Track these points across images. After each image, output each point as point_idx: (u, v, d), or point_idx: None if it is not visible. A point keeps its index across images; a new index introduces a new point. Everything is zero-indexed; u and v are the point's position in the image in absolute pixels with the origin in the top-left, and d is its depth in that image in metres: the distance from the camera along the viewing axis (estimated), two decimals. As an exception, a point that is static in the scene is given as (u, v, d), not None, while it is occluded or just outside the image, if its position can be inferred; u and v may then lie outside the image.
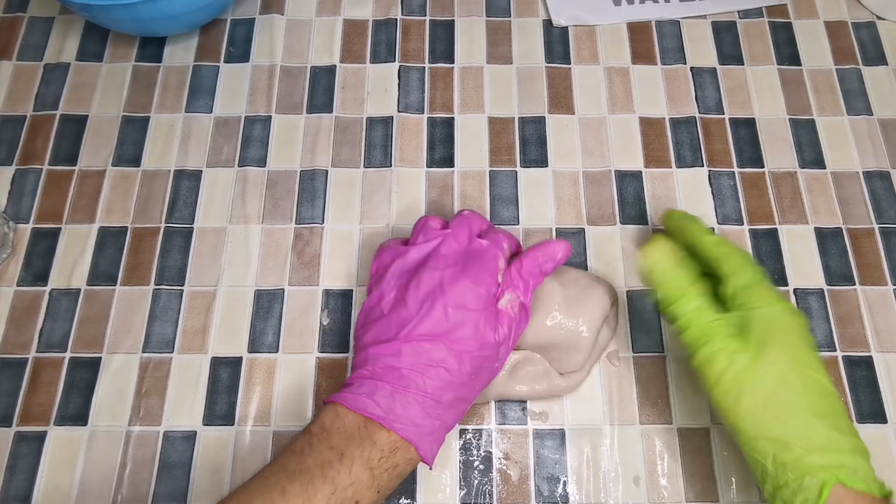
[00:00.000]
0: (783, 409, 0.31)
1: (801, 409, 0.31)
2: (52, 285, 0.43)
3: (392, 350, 0.33)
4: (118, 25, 0.48)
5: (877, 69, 0.51)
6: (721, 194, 0.47)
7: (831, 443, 0.30)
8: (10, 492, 0.38)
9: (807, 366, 0.32)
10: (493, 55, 0.51)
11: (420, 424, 0.32)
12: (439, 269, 0.35)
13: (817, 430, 0.30)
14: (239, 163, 0.47)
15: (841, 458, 0.30)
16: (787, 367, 0.31)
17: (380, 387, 0.33)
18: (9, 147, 0.48)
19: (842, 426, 0.31)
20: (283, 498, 0.30)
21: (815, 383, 0.32)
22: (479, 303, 0.34)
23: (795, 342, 0.32)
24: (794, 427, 0.31)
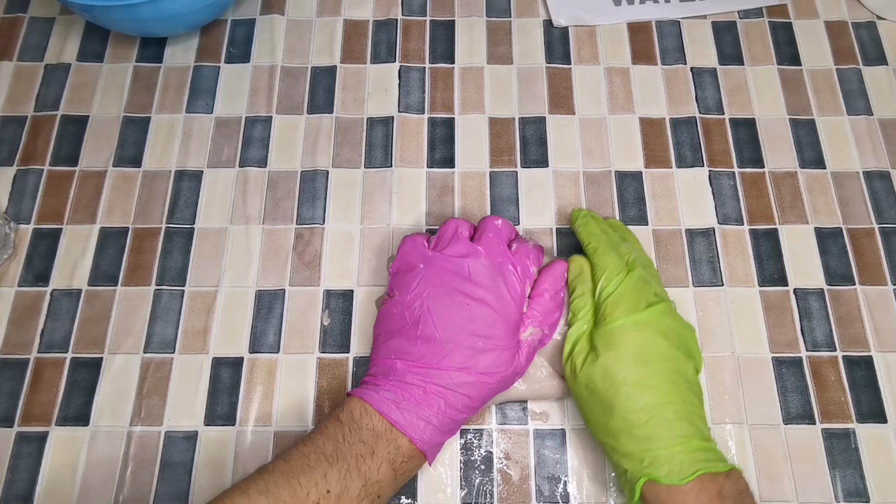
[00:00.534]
0: (596, 418, 0.36)
1: (609, 416, 0.35)
2: (54, 286, 0.43)
3: (420, 372, 0.35)
4: (119, 26, 0.48)
5: (877, 69, 0.51)
6: (721, 194, 0.47)
7: (629, 445, 0.34)
8: (12, 492, 0.38)
9: (622, 375, 0.35)
10: (493, 55, 0.51)
11: (433, 439, 0.35)
12: (471, 297, 0.36)
13: (619, 439, 0.34)
14: (240, 163, 0.47)
15: (642, 457, 0.33)
16: (599, 376, 0.35)
17: (405, 398, 0.35)
18: (9, 148, 0.48)
19: (640, 432, 0.34)
20: (324, 481, 0.32)
21: (622, 393, 0.34)
22: (505, 338, 0.36)
23: (621, 356, 0.35)
24: (609, 434, 0.35)
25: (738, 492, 0.33)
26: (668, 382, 0.34)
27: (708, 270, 0.44)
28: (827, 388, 0.41)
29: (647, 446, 0.33)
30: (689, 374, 0.36)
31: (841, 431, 0.40)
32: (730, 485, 0.33)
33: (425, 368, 0.35)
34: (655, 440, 0.33)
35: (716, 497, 0.32)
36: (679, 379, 0.35)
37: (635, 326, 0.35)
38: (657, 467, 0.33)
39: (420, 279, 0.37)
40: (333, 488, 0.32)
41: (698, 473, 0.32)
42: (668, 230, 0.46)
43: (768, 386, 0.41)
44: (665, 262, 0.45)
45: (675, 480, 0.32)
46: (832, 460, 0.40)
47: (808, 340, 0.43)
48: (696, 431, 0.34)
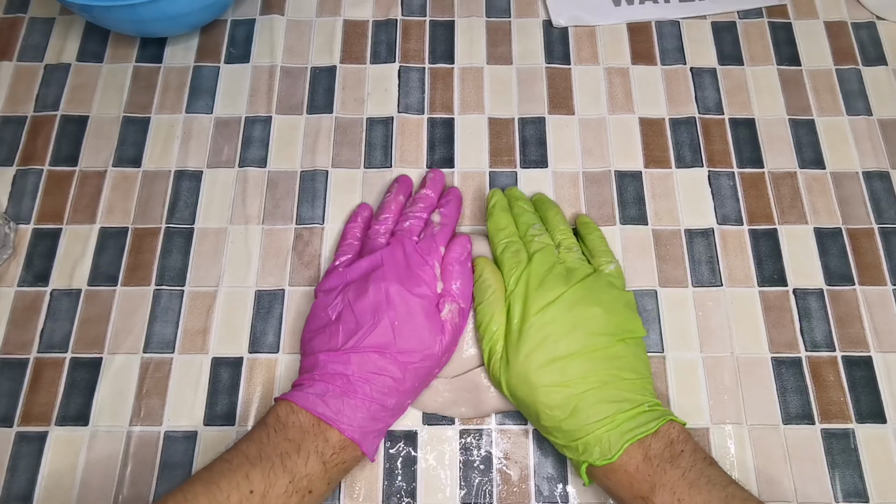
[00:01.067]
0: (531, 419, 0.38)
1: (537, 417, 0.36)
2: (53, 286, 0.43)
3: (341, 359, 0.36)
4: (118, 26, 0.48)
5: (877, 69, 0.51)
6: (721, 194, 0.47)
7: (563, 439, 0.35)
8: (12, 492, 0.38)
9: (534, 379, 0.36)
10: (493, 56, 0.51)
11: (365, 427, 0.35)
12: (385, 280, 0.37)
13: (554, 434, 0.36)
14: (239, 163, 0.47)
15: (576, 446, 0.35)
16: (515, 383, 0.36)
17: (330, 390, 0.35)
18: (9, 148, 0.48)
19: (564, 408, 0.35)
20: (246, 481, 0.32)
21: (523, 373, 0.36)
22: (422, 316, 0.37)
23: (529, 359, 0.36)
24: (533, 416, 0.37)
25: (668, 443, 0.34)
26: (582, 372, 0.35)
27: (707, 271, 0.44)
28: (826, 388, 0.41)
29: (576, 436, 0.35)
30: (614, 351, 0.36)
31: (840, 431, 0.40)
32: (656, 442, 0.34)
33: (346, 355, 0.36)
34: (581, 429, 0.34)
35: (642, 462, 0.33)
36: (596, 362, 0.36)
37: (537, 325, 0.36)
38: (590, 452, 0.34)
39: (341, 279, 0.39)
40: (257, 488, 0.32)
41: (625, 447, 0.33)
42: (668, 230, 0.46)
43: (768, 386, 0.41)
44: (665, 262, 0.45)
45: (606, 460, 0.33)
46: (832, 460, 0.40)
47: (808, 341, 0.43)
48: (619, 406, 0.35)
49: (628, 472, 0.33)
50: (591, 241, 0.42)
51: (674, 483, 0.32)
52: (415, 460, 0.40)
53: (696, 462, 0.33)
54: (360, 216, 0.44)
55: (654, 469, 0.33)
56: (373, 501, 0.39)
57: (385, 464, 0.39)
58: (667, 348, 0.42)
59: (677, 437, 0.34)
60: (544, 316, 0.36)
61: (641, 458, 0.33)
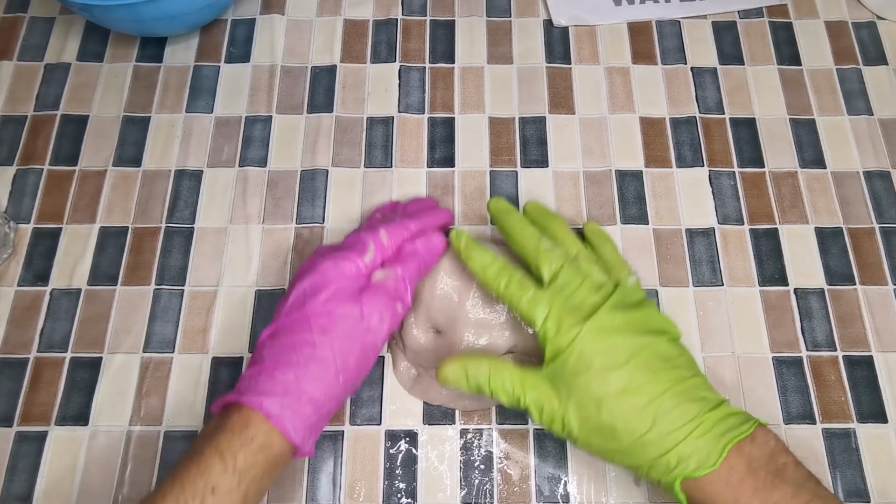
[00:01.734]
0: (607, 448, 0.33)
1: (616, 440, 0.32)
2: (53, 285, 0.43)
3: (262, 337, 0.35)
4: (119, 26, 0.48)
5: (877, 69, 0.51)
6: (721, 194, 0.47)
7: (649, 454, 0.32)
8: (11, 491, 0.38)
9: (598, 397, 0.32)
10: (493, 55, 0.51)
11: (271, 393, 0.32)
12: (317, 254, 0.38)
13: (638, 454, 0.32)
14: (239, 163, 0.47)
15: (668, 461, 0.31)
16: (583, 415, 0.33)
17: (243, 375, 0.34)
18: (9, 147, 0.48)
19: (662, 427, 0.31)
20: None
21: (616, 407, 0.32)
22: (336, 275, 0.35)
23: (587, 384, 0.32)
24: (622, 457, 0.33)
25: (769, 454, 0.31)
26: (648, 374, 0.32)
27: (708, 270, 0.44)
28: (827, 388, 0.41)
29: (665, 447, 0.31)
30: (666, 351, 0.33)
31: (841, 431, 0.40)
32: (756, 450, 0.31)
33: (267, 331, 0.35)
34: (670, 437, 0.31)
35: (747, 473, 0.30)
36: (657, 363, 0.33)
37: (583, 344, 0.33)
38: (686, 463, 0.31)
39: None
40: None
41: (727, 450, 0.30)
42: (669, 230, 0.46)
43: (769, 386, 0.41)
44: (665, 261, 0.45)
45: (708, 468, 0.30)
46: (832, 460, 0.40)
47: (809, 340, 0.43)
48: (703, 405, 0.31)
49: (731, 484, 0.30)
50: (605, 252, 0.39)
51: (785, 501, 0.29)
52: (415, 460, 0.40)
53: (805, 479, 0.30)
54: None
55: (762, 482, 0.30)
56: (373, 501, 0.39)
57: (385, 463, 0.39)
58: (667, 348, 0.42)
59: (775, 446, 0.31)
60: (587, 332, 0.33)
61: (745, 468, 0.30)
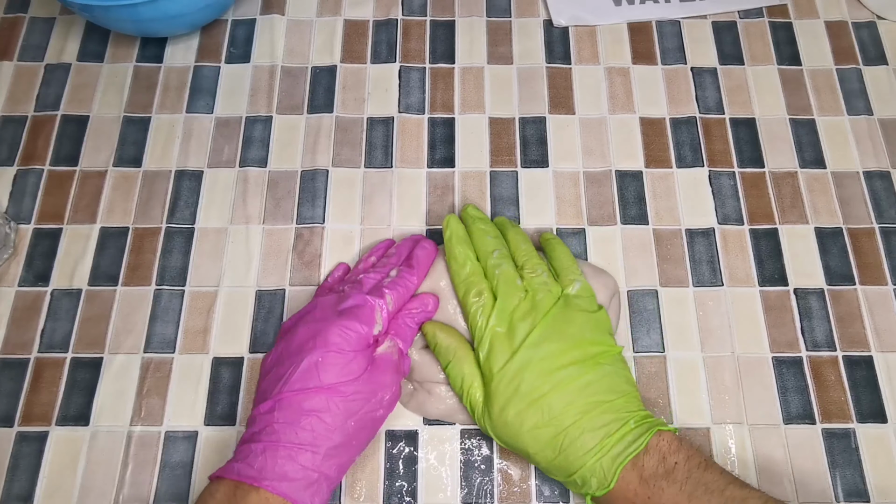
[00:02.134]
0: (528, 459, 0.36)
1: (531, 458, 0.35)
2: (54, 286, 0.43)
3: (267, 408, 0.33)
4: (119, 26, 0.48)
5: (877, 69, 0.51)
6: (721, 194, 0.47)
7: (561, 475, 0.35)
8: (12, 492, 0.38)
9: (516, 425, 0.35)
10: (493, 55, 0.51)
11: (294, 479, 0.31)
12: (314, 320, 0.36)
13: (552, 472, 0.36)
14: (240, 163, 0.47)
15: (575, 481, 0.34)
16: (502, 433, 0.36)
17: (253, 448, 0.32)
18: (10, 147, 0.48)
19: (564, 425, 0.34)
20: None
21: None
22: (348, 347, 0.34)
23: (505, 409, 0.35)
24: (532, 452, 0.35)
25: (661, 458, 0.33)
26: (561, 406, 0.34)
27: (708, 270, 0.44)
28: (827, 388, 0.41)
29: (570, 471, 0.34)
30: (587, 377, 0.35)
31: (841, 431, 0.40)
32: (649, 459, 0.33)
33: (272, 402, 0.33)
34: (574, 462, 0.34)
35: (639, 485, 0.32)
36: (572, 395, 0.34)
37: (508, 375, 0.35)
38: (588, 484, 0.33)
39: (282, 329, 0.39)
40: None
41: (618, 471, 0.32)
42: (669, 230, 0.46)
43: (768, 386, 0.41)
44: (665, 261, 0.45)
45: (604, 489, 0.33)
46: (832, 460, 0.40)
47: (809, 340, 0.43)
48: (606, 430, 0.34)
49: (628, 499, 0.33)
50: (555, 258, 0.40)
51: (674, 500, 0.32)
52: (416, 460, 0.40)
53: (691, 471, 0.32)
54: (333, 276, 0.43)
55: (651, 490, 0.32)
56: (373, 501, 0.39)
57: (386, 464, 0.39)
58: (667, 348, 0.42)
59: (668, 448, 0.33)
60: (513, 364, 0.35)
61: (637, 480, 0.32)
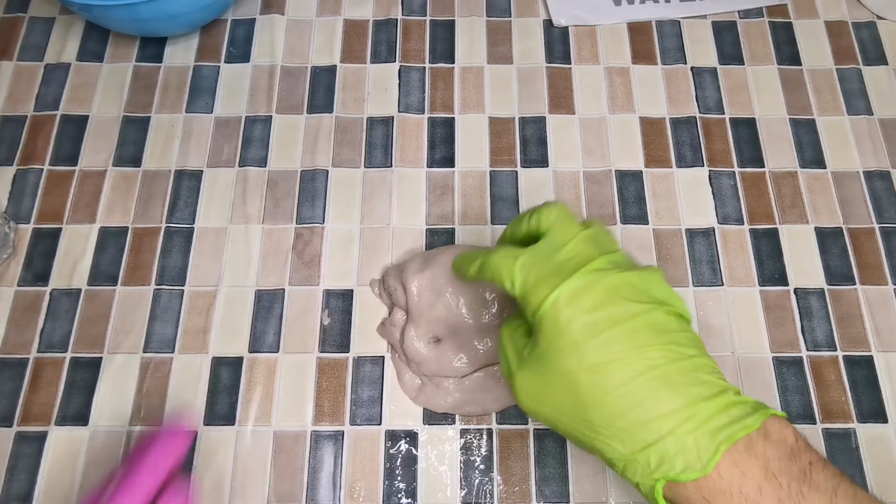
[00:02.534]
0: (568, 422, 0.28)
1: (583, 414, 0.27)
2: (53, 285, 0.43)
3: None
4: (119, 25, 0.48)
5: (877, 69, 0.51)
6: (721, 194, 0.47)
7: (623, 446, 0.26)
8: (11, 491, 0.38)
9: (574, 362, 0.27)
10: (493, 55, 0.51)
11: None
12: None
13: (605, 441, 0.27)
14: (239, 163, 0.47)
15: (647, 458, 0.26)
16: (549, 374, 0.28)
17: None
18: (9, 147, 0.48)
19: (649, 411, 0.26)
20: None
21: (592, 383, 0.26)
22: None
23: (564, 341, 0.27)
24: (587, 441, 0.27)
25: (789, 454, 0.25)
26: (633, 345, 0.26)
27: (708, 270, 0.44)
28: (827, 387, 0.41)
29: (646, 440, 0.25)
30: (663, 322, 0.27)
31: (841, 431, 0.40)
32: (772, 449, 0.25)
33: None
34: (652, 428, 0.25)
35: (764, 481, 0.24)
36: (648, 335, 0.26)
37: (568, 298, 0.27)
38: (670, 464, 0.25)
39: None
40: None
41: (723, 449, 0.24)
42: (668, 230, 0.46)
43: (769, 386, 0.41)
44: (665, 261, 0.45)
45: (698, 472, 0.24)
46: (833, 460, 0.39)
47: (809, 340, 0.43)
48: (700, 391, 0.25)
49: (746, 496, 0.24)
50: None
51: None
52: (415, 460, 0.40)
53: (837, 481, 0.24)
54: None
55: (786, 492, 0.24)
56: (373, 501, 0.39)
57: (385, 463, 0.39)
58: (667, 348, 0.42)
59: (796, 441, 0.25)
60: (569, 285, 0.27)
61: (762, 473, 0.24)
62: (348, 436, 0.40)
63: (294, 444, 0.40)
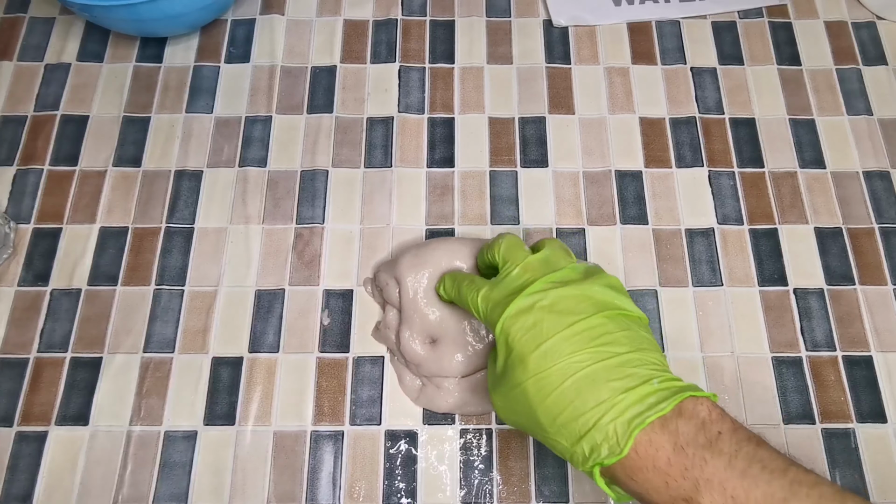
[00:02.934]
0: (526, 425, 0.32)
1: (532, 419, 0.30)
2: (53, 285, 0.43)
3: None
4: (119, 26, 0.48)
5: (877, 69, 0.51)
6: (721, 194, 0.47)
7: (565, 440, 0.29)
8: (11, 491, 0.38)
9: (517, 375, 0.31)
10: (493, 55, 0.51)
11: None
12: None
13: (555, 437, 0.30)
14: (239, 163, 0.47)
15: (583, 449, 0.29)
16: (502, 387, 0.32)
17: None
18: (10, 147, 0.48)
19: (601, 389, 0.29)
20: None
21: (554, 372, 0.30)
22: None
23: (512, 357, 0.31)
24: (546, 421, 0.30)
25: (700, 425, 0.27)
26: (567, 352, 0.29)
27: (708, 270, 0.44)
28: (827, 387, 0.41)
29: (578, 433, 0.28)
30: (599, 326, 0.30)
31: (841, 431, 0.40)
32: (684, 425, 0.27)
33: None
34: (581, 420, 0.28)
35: (672, 452, 0.27)
36: (582, 341, 0.30)
37: (511, 319, 0.31)
38: (598, 450, 0.28)
39: None
40: None
41: (634, 433, 0.27)
42: (668, 230, 0.46)
43: (768, 386, 0.41)
44: (665, 262, 0.45)
45: (616, 456, 0.27)
46: (832, 460, 0.40)
47: (808, 340, 0.43)
48: (624, 383, 0.28)
49: (658, 468, 0.27)
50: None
51: (720, 475, 0.26)
52: (415, 460, 0.40)
53: (741, 444, 0.27)
54: None
55: (690, 460, 0.26)
56: (373, 501, 0.39)
57: (385, 463, 0.39)
58: (667, 348, 0.42)
59: (708, 415, 0.28)
60: (514, 307, 0.32)
61: (671, 447, 0.27)
62: (348, 436, 0.40)
63: (294, 444, 0.40)
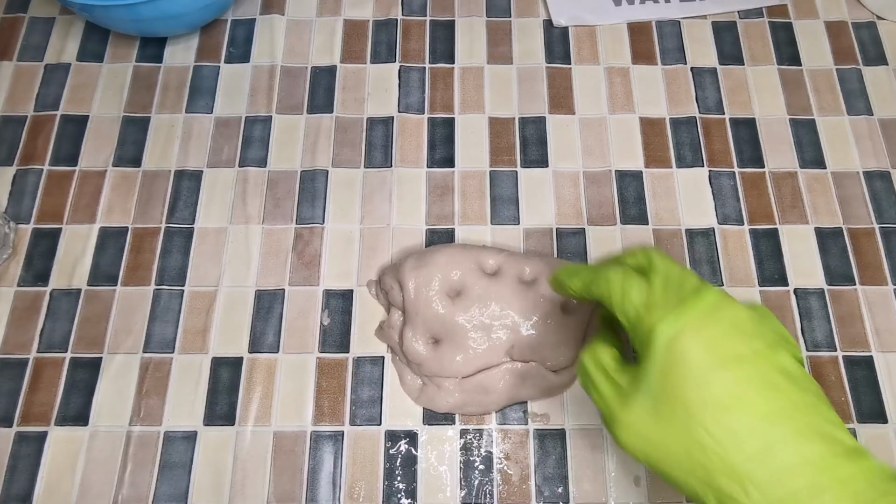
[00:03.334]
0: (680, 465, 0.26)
1: (700, 457, 0.25)
2: (53, 286, 0.43)
3: None
4: (119, 26, 0.48)
5: (877, 69, 0.51)
6: (721, 194, 0.47)
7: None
8: (11, 492, 0.38)
9: (696, 395, 0.25)
10: (493, 55, 0.51)
11: None
12: None
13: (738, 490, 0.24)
14: (239, 163, 0.47)
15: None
16: (662, 413, 0.26)
17: None
18: (9, 147, 0.48)
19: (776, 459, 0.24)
20: None
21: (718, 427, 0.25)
22: None
23: (683, 373, 0.25)
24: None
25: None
26: (761, 385, 0.24)
27: (708, 270, 0.44)
28: (827, 388, 0.41)
29: (776, 494, 0.23)
30: (787, 364, 0.26)
31: (841, 431, 0.40)
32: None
33: None
34: (783, 478, 0.23)
35: None
36: (775, 375, 0.25)
37: (694, 329, 0.25)
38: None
39: None
40: None
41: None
42: (669, 230, 0.46)
43: (768, 386, 0.41)
44: (665, 261, 0.45)
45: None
46: (833, 460, 0.40)
47: (809, 340, 0.43)
48: (832, 447, 0.24)
49: None
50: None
51: None
52: (415, 460, 0.40)
53: None
54: None
55: None
56: (373, 501, 0.39)
57: (385, 464, 0.39)
58: (667, 348, 0.42)
59: None
60: (692, 312, 0.26)
61: None
62: (348, 436, 0.40)
63: (294, 445, 0.40)
